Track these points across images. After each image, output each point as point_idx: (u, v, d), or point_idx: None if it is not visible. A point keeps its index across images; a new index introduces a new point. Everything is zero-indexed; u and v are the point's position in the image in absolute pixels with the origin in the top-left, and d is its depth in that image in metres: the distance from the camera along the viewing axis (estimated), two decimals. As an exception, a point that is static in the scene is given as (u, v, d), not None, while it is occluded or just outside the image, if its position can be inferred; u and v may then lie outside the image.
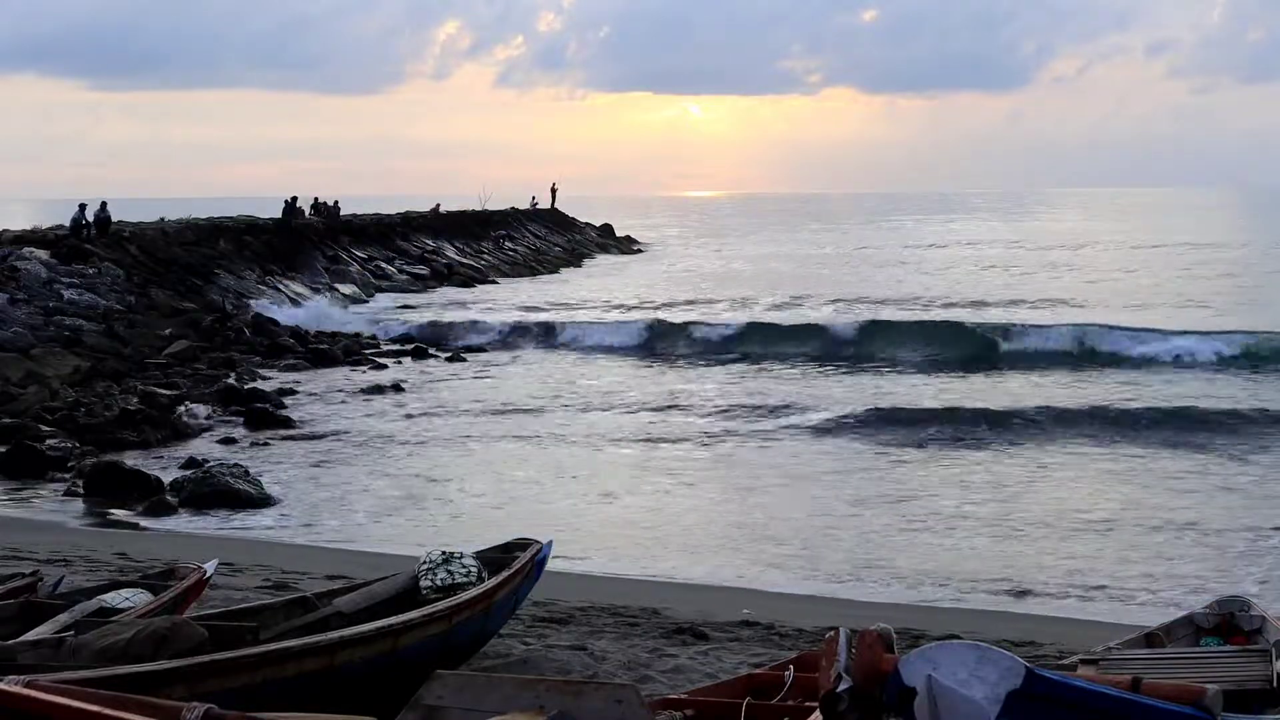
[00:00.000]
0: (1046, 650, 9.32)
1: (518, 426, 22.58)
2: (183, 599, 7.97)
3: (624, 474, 18.74)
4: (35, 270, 31.00)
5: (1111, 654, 6.81)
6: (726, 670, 8.27)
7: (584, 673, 8.29)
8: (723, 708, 5.63)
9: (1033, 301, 41.23)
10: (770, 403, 24.15)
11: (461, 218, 63.38)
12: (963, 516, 15.54)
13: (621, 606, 10.94)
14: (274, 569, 12.32)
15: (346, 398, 25.59)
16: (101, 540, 14.11)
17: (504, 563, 8.44)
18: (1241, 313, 36.51)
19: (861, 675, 4.20)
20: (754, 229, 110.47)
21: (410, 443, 21.05)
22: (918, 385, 26.86)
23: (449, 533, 14.97)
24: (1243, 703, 5.76)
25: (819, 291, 45.58)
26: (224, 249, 40.08)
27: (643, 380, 28.37)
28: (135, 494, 16.99)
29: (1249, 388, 25.47)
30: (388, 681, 6.63)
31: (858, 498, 16.70)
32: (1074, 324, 33.19)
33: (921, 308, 39.89)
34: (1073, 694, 4.00)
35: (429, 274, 50.07)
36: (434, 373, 29.95)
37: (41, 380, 23.52)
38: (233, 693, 5.80)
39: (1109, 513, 15.71)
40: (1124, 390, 25.31)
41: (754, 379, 28.28)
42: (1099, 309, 38.16)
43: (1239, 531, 14.64)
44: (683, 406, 24.43)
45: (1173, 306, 39.13)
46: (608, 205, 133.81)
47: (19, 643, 6.65)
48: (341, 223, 50.33)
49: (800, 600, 12.24)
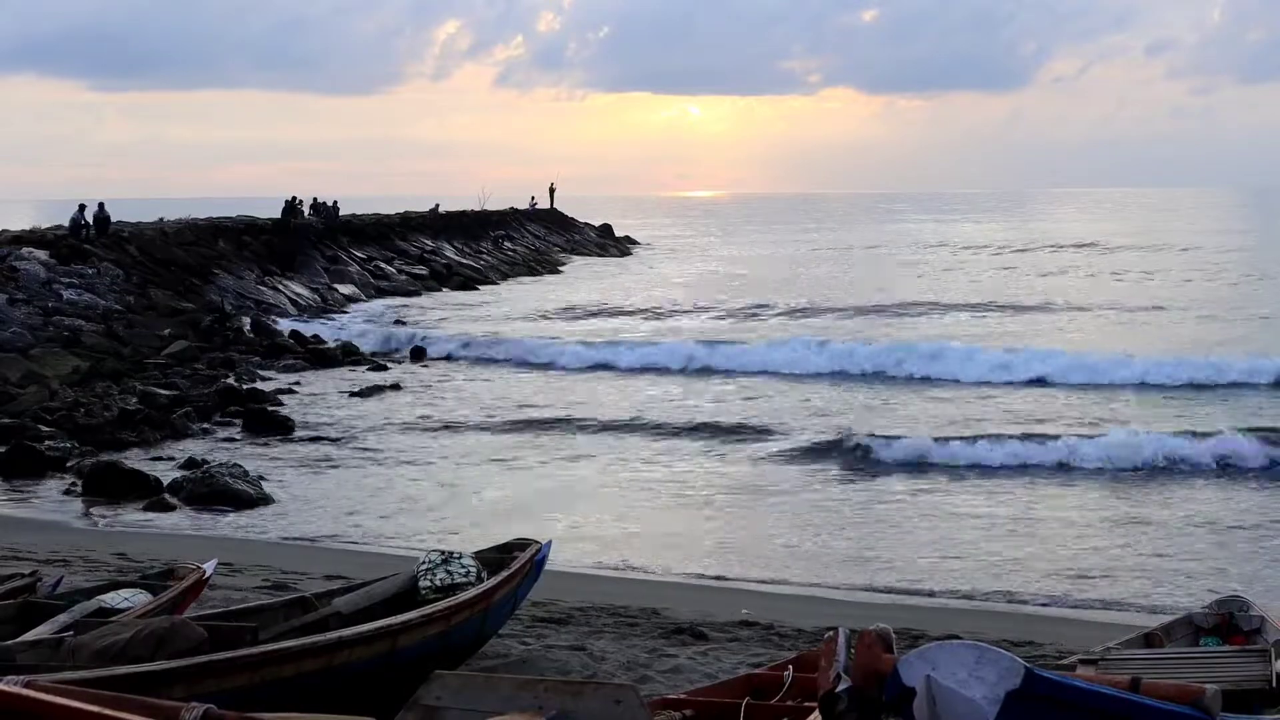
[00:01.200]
0: (1046, 650, 9.32)
1: (516, 425, 22.59)
2: (182, 599, 7.97)
3: (637, 485, 18.65)
4: (34, 270, 31.01)
5: (1111, 654, 6.82)
6: (726, 670, 8.26)
7: (583, 673, 8.29)
8: (722, 708, 5.63)
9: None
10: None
11: (461, 218, 63.40)
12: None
13: (621, 606, 10.94)
14: (273, 569, 12.32)
15: (345, 398, 25.57)
16: (100, 540, 14.11)
17: (503, 563, 8.44)
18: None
19: (861, 675, 4.20)
20: (755, 230, 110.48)
21: (410, 443, 21.05)
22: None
23: (448, 532, 14.98)
24: (1242, 703, 5.77)
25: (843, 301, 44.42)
26: (223, 249, 40.09)
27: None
28: (134, 494, 17.01)
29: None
30: (387, 682, 6.63)
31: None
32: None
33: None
34: (1072, 694, 4.00)
35: (428, 274, 50.08)
36: (433, 373, 29.93)
37: (41, 380, 23.51)
38: (232, 693, 5.80)
39: (1109, 511, 15.72)
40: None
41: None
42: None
43: (1239, 531, 14.65)
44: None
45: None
46: (608, 205, 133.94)
47: (18, 643, 6.65)
48: (341, 223, 50.34)
49: (800, 600, 12.24)
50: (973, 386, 26.17)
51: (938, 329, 35.68)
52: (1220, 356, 27.22)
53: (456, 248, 57.17)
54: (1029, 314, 40.07)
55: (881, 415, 22.91)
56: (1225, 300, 42.76)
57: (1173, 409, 22.99)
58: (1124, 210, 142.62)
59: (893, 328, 36.49)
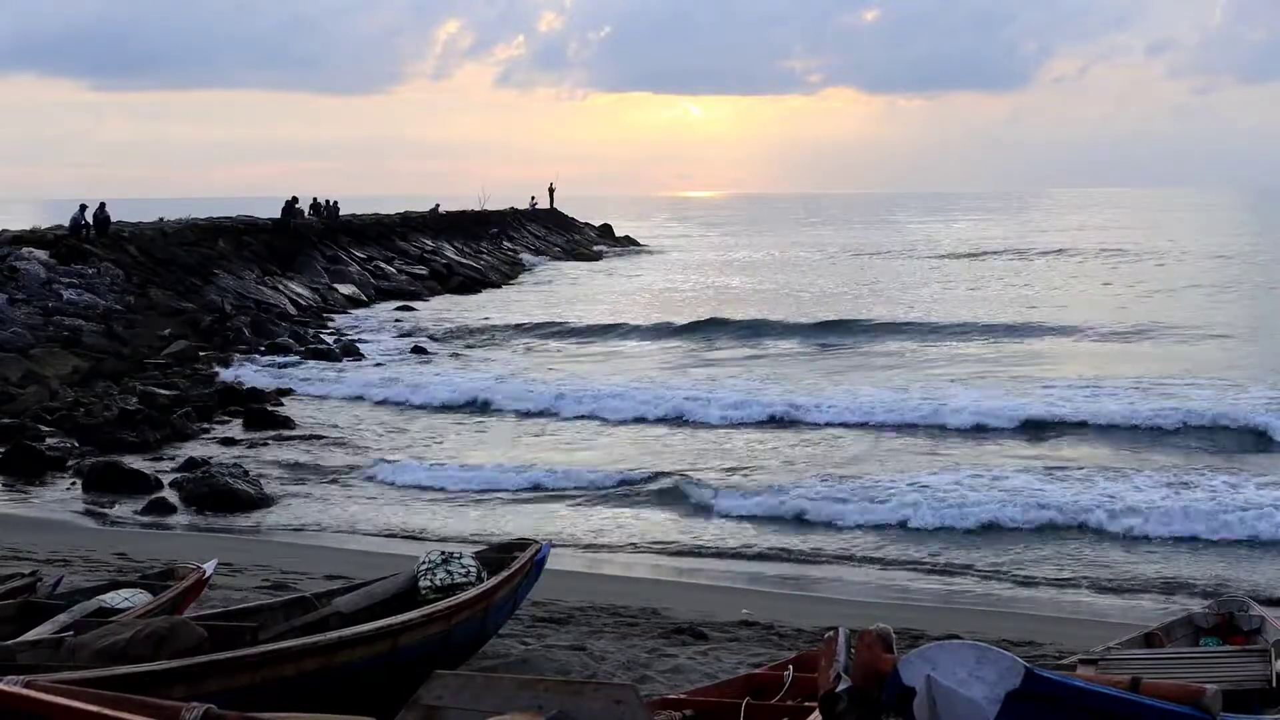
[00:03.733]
0: (1046, 650, 9.32)
1: (518, 425, 22.60)
2: (182, 599, 7.96)
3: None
4: (34, 270, 31.01)
5: (1111, 654, 6.81)
6: (726, 670, 8.26)
7: (583, 673, 8.29)
8: (722, 708, 5.63)
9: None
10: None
11: (461, 218, 63.40)
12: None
13: (621, 606, 10.95)
14: (273, 569, 12.32)
15: (345, 398, 25.55)
16: (101, 540, 14.11)
17: (503, 563, 8.44)
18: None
19: (861, 675, 4.20)
20: (756, 231, 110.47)
21: (410, 443, 21.05)
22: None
23: (448, 532, 14.99)
24: (1242, 702, 5.76)
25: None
26: (223, 249, 40.07)
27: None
28: (135, 494, 17.02)
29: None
30: (387, 681, 6.62)
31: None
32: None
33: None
34: (1072, 694, 4.00)
35: (428, 274, 50.08)
36: (433, 372, 29.92)
37: (41, 380, 23.51)
38: (232, 693, 5.79)
39: (1109, 509, 15.71)
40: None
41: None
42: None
43: (1239, 530, 14.65)
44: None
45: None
46: (608, 205, 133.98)
47: (18, 643, 6.65)
48: (341, 223, 50.34)
49: (800, 600, 12.25)
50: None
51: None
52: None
53: (456, 248, 57.17)
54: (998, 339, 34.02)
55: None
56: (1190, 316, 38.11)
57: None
58: (1124, 211, 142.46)
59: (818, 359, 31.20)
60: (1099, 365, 27.91)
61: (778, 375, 27.44)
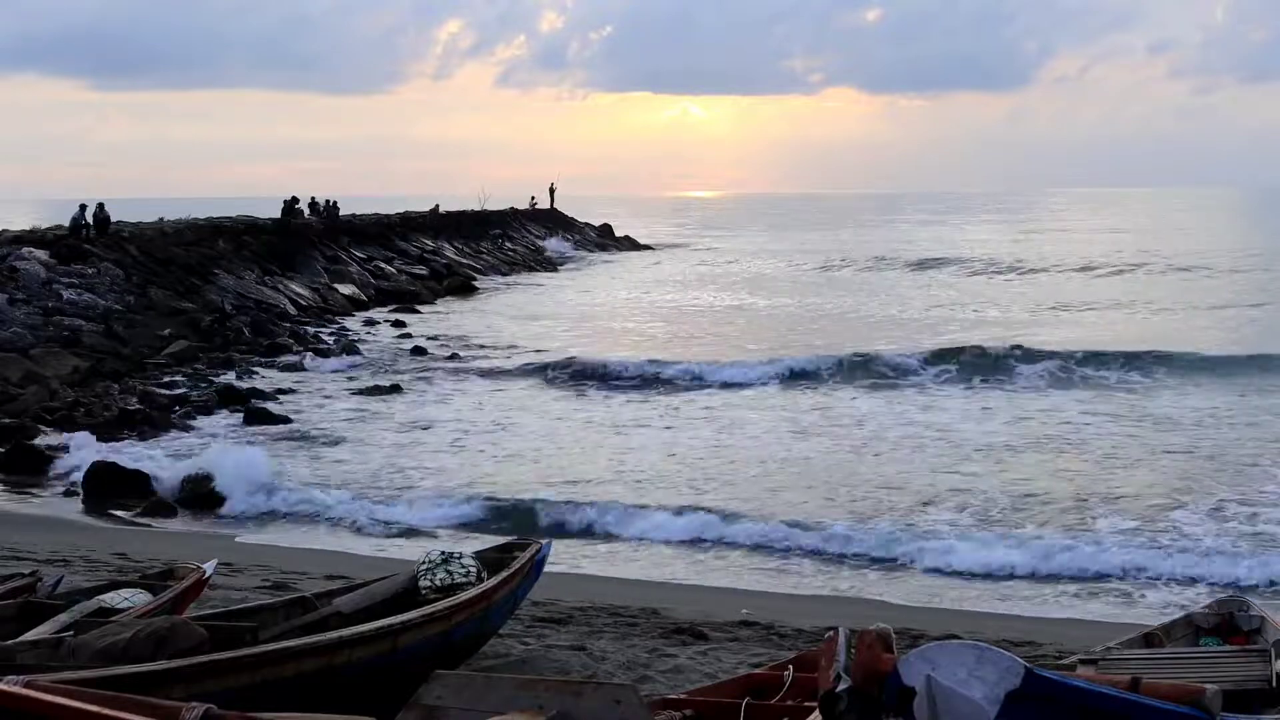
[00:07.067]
0: (1046, 650, 9.32)
1: (516, 424, 22.60)
2: (182, 599, 7.96)
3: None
4: (34, 270, 31.00)
5: (1111, 654, 6.81)
6: (726, 670, 8.27)
7: (583, 673, 8.29)
8: (722, 708, 5.62)
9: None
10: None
11: (461, 218, 63.40)
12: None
13: (621, 606, 10.95)
14: (273, 569, 12.32)
15: (345, 397, 25.56)
16: (101, 540, 14.10)
17: (503, 563, 8.44)
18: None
19: (861, 675, 4.20)
20: (757, 231, 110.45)
21: (409, 442, 21.05)
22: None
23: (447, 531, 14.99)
24: (1242, 703, 5.76)
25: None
26: (223, 249, 40.08)
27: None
28: (134, 494, 17.00)
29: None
30: (387, 681, 6.62)
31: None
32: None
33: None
34: (1072, 694, 4.00)
35: (428, 274, 50.08)
36: (432, 372, 29.91)
37: (41, 380, 23.50)
38: (232, 693, 5.79)
39: (1109, 510, 15.72)
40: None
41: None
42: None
43: (1239, 530, 14.65)
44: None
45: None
46: (608, 205, 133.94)
47: (18, 643, 6.65)
48: (341, 223, 50.34)
49: (799, 600, 12.25)
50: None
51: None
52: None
53: (456, 248, 57.17)
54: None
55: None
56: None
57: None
58: (1124, 210, 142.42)
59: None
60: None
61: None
